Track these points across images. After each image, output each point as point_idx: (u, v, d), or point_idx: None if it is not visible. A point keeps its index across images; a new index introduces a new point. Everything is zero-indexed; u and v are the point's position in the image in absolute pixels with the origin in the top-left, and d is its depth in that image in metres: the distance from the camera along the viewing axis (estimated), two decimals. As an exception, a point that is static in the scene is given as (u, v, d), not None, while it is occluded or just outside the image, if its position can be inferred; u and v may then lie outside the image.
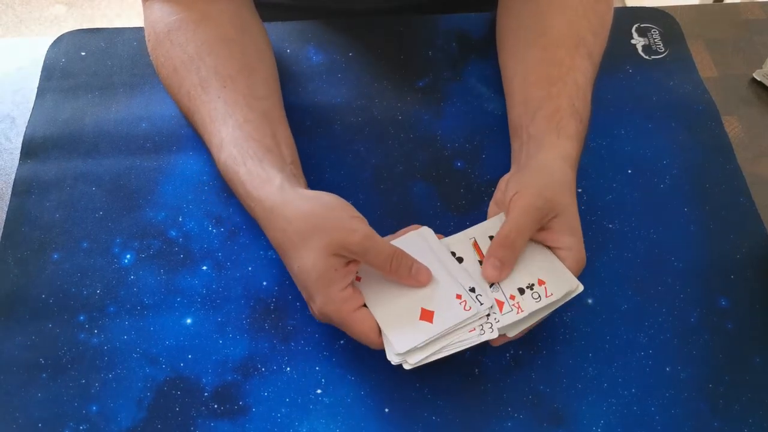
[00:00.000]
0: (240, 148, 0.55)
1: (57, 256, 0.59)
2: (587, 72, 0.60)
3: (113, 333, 0.56)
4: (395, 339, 0.48)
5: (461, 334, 0.49)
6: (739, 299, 0.58)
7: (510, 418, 0.53)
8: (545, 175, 0.54)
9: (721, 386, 0.54)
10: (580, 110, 0.58)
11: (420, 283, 0.50)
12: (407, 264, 0.50)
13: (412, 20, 0.75)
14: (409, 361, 0.48)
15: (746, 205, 0.63)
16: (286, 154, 0.57)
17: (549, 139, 0.56)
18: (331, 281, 0.49)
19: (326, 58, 0.72)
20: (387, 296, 0.51)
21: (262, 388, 0.54)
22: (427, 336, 0.48)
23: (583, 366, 0.55)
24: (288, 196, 0.52)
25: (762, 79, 0.72)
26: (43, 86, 0.70)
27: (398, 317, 0.49)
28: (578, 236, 0.52)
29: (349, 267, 0.50)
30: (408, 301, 0.50)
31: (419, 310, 0.50)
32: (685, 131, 0.68)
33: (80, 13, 1.95)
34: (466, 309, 0.49)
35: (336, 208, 0.51)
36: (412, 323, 0.49)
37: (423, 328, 0.49)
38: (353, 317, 0.49)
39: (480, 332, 0.49)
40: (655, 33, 0.75)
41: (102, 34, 0.74)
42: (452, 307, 0.49)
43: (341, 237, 0.48)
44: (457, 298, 0.50)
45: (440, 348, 0.48)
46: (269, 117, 0.58)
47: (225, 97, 0.57)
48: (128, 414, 0.52)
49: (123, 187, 0.63)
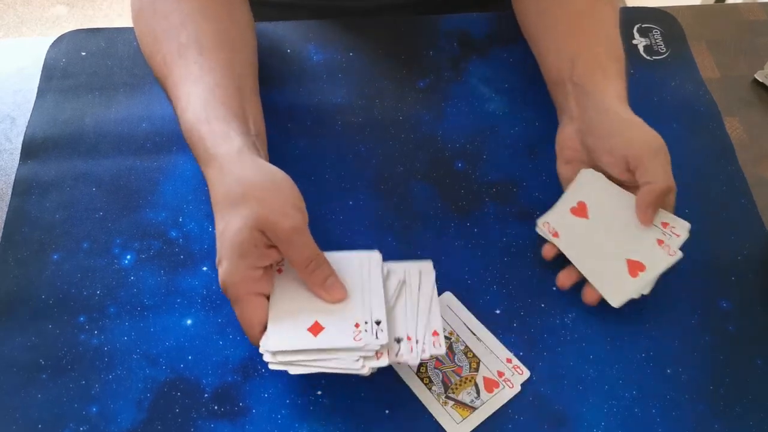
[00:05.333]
0: (207, 108, 0.54)
1: (57, 256, 0.59)
2: (611, 18, 0.62)
3: (113, 334, 0.56)
4: (272, 334, 0.48)
5: (340, 359, 0.48)
6: (740, 301, 0.58)
7: (511, 420, 0.53)
8: (618, 117, 0.56)
9: (721, 388, 0.54)
10: (616, 53, 0.60)
11: (330, 298, 0.50)
12: (324, 273, 0.50)
13: (413, 20, 0.75)
14: (274, 360, 0.47)
15: (747, 206, 0.63)
16: (253, 126, 0.56)
17: (596, 82, 0.58)
18: (245, 254, 0.48)
19: (327, 57, 0.72)
20: (292, 296, 0.50)
21: (263, 390, 0.54)
22: (302, 346, 0.48)
23: (583, 367, 0.55)
24: (243, 160, 0.51)
25: (764, 80, 0.72)
26: (44, 86, 0.70)
27: (289, 318, 0.49)
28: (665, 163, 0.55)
29: (269, 251, 0.49)
30: (308, 309, 0.49)
31: (313, 321, 0.49)
32: (686, 132, 0.68)
33: (81, 13, 1.95)
34: (356, 339, 0.48)
35: (282, 189, 0.50)
36: (297, 329, 0.48)
37: (304, 337, 0.48)
38: (247, 299, 0.49)
39: (357, 364, 0.47)
40: (657, 33, 0.75)
41: (102, 34, 0.74)
42: (344, 331, 0.48)
43: (272, 218, 0.47)
44: (355, 326, 0.48)
45: (309, 360, 0.48)
46: (242, 91, 0.57)
47: (201, 63, 0.56)
48: (128, 415, 0.52)
49: (123, 187, 0.63)
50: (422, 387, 0.53)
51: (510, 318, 0.57)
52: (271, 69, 0.71)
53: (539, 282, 0.59)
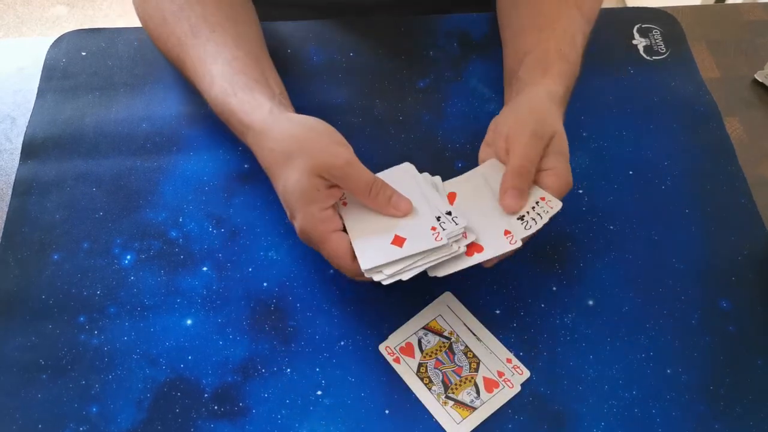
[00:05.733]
0: (230, 81, 0.58)
1: (57, 256, 0.59)
2: (576, 20, 0.63)
3: (113, 334, 0.56)
4: (362, 256, 0.50)
5: (437, 251, 0.50)
6: (740, 301, 0.58)
7: (511, 419, 0.53)
8: (534, 106, 0.56)
9: (722, 388, 0.54)
10: (567, 53, 0.61)
11: (399, 212, 0.53)
12: (387, 193, 0.53)
13: (413, 20, 0.75)
14: (378, 278, 0.50)
15: (748, 206, 0.63)
16: (275, 86, 0.60)
17: (535, 77, 0.59)
18: (312, 200, 0.51)
19: (327, 58, 0.72)
20: (365, 221, 0.53)
21: (263, 390, 0.54)
22: (393, 257, 0.50)
23: (584, 368, 0.55)
24: (277, 119, 0.55)
25: (764, 81, 0.72)
26: (44, 86, 0.70)
27: (371, 239, 0.52)
28: (565, 158, 0.55)
29: (332, 191, 0.52)
30: (384, 227, 0.52)
31: (393, 235, 0.52)
32: (686, 132, 0.68)
33: (81, 13, 1.95)
34: (437, 239, 0.50)
35: (323, 133, 0.54)
36: (382, 245, 0.51)
37: (391, 250, 0.51)
38: (329, 237, 0.52)
39: (453, 247, 0.50)
40: (657, 33, 0.75)
41: (102, 35, 0.74)
42: (424, 236, 0.51)
43: (324, 160, 0.51)
44: (431, 229, 0.51)
45: (408, 265, 0.50)
46: (256, 56, 0.62)
47: (215, 40, 0.60)
48: (128, 415, 0.52)
49: (123, 187, 0.63)
50: (422, 387, 0.53)
51: (510, 318, 0.57)
52: (271, 69, 0.71)
53: (539, 282, 0.59)
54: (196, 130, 0.67)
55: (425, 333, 0.56)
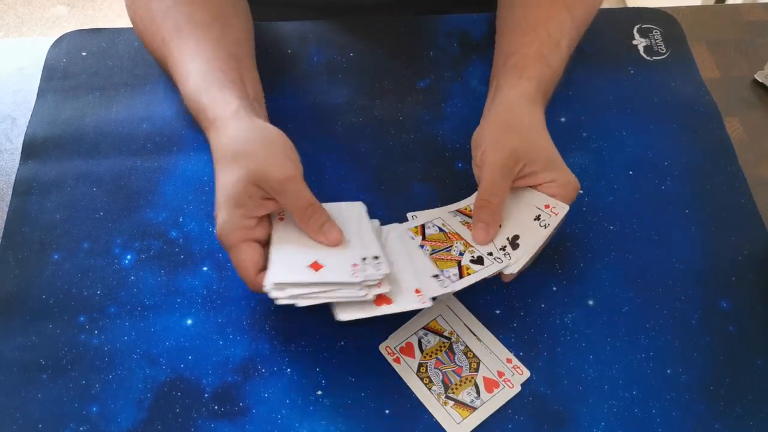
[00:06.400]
0: (205, 78, 0.57)
1: (57, 256, 0.59)
2: (564, 24, 0.63)
3: (113, 334, 0.56)
4: (275, 268, 0.50)
5: (344, 289, 0.50)
6: (740, 301, 0.58)
7: (511, 419, 0.53)
8: (505, 121, 0.56)
9: (722, 388, 0.54)
10: (548, 56, 0.60)
11: (327, 241, 0.52)
12: (320, 219, 0.52)
13: (413, 20, 0.75)
14: (281, 294, 0.49)
15: (748, 206, 0.63)
16: (251, 90, 0.60)
17: (510, 82, 0.59)
18: (240, 204, 0.51)
19: (327, 58, 0.72)
20: (292, 239, 0.53)
21: (263, 390, 0.54)
22: (304, 279, 0.50)
23: (584, 368, 0.55)
24: (240, 120, 0.54)
25: (764, 81, 0.72)
26: (44, 86, 0.70)
27: (291, 255, 0.51)
28: (558, 167, 0.55)
29: (265, 202, 0.52)
30: (308, 250, 0.52)
31: (313, 260, 0.51)
32: (686, 133, 0.68)
33: (82, 13, 1.95)
34: (354, 275, 0.50)
35: (276, 144, 0.54)
36: (299, 265, 0.51)
37: (305, 272, 0.50)
38: (241, 244, 0.51)
39: (361, 292, 0.49)
40: (657, 34, 0.75)
41: (103, 35, 0.74)
42: (343, 269, 0.51)
43: (266, 170, 0.51)
44: (352, 266, 0.51)
45: (314, 293, 0.49)
46: (238, 59, 0.61)
47: (197, 39, 0.60)
48: (128, 415, 0.52)
49: (124, 187, 0.63)
50: (422, 387, 0.53)
51: (510, 318, 0.57)
52: (272, 69, 0.71)
53: (539, 282, 0.59)
54: (196, 130, 0.67)
55: (425, 333, 0.56)
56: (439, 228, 0.57)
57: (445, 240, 0.56)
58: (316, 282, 0.50)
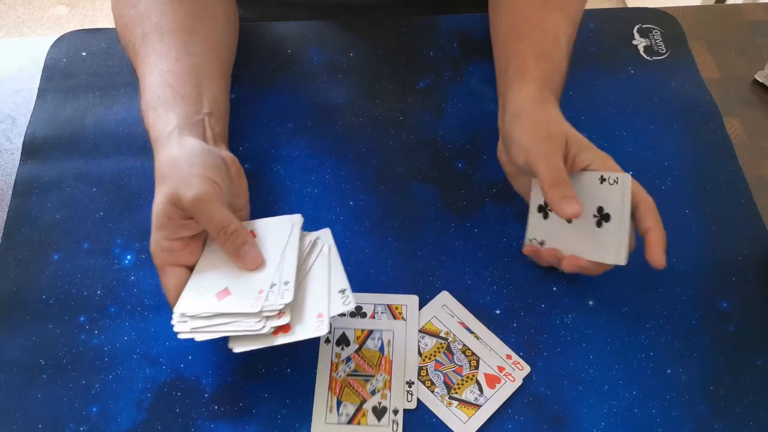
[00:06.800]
0: (154, 94, 0.56)
1: (57, 256, 0.59)
2: (558, 22, 0.62)
3: (113, 334, 0.56)
4: (183, 299, 0.50)
5: (239, 322, 0.48)
6: (740, 301, 0.58)
7: (510, 419, 0.53)
8: (529, 118, 0.55)
9: (722, 388, 0.54)
10: (548, 52, 0.60)
11: (244, 266, 0.51)
12: (237, 242, 0.50)
13: (413, 20, 0.75)
14: (183, 327, 0.49)
15: (748, 206, 0.63)
16: (206, 104, 0.57)
17: (515, 88, 0.58)
18: (162, 226, 0.50)
19: (327, 58, 0.72)
20: (215, 263, 0.52)
21: (263, 390, 0.54)
22: (205, 310, 0.49)
23: (583, 368, 0.55)
24: (170, 141, 0.53)
25: (764, 81, 0.72)
26: (44, 86, 0.70)
27: (206, 283, 0.50)
28: (591, 148, 0.54)
29: (188, 223, 0.51)
30: (224, 276, 0.51)
31: (223, 287, 0.50)
32: (686, 133, 0.68)
33: (82, 13, 1.95)
34: (253, 304, 0.48)
35: (196, 164, 0.51)
36: (206, 294, 0.50)
37: (209, 301, 0.49)
38: (165, 268, 0.51)
39: (258, 325, 0.48)
40: (657, 34, 0.75)
41: (103, 35, 0.74)
42: (247, 297, 0.49)
43: (178, 190, 0.50)
44: (258, 293, 0.49)
45: (213, 326, 0.48)
46: (198, 70, 0.58)
47: (158, 50, 0.58)
48: (128, 415, 0.52)
49: (124, 187, 0.63)
50: (425, 390, 0.53)
51: (510, 318, 0.57)
52: (272, 69, 0.71)
53: (539, 282, 0.59)
54: (197, 130, 0.67)
55: (422, 336, 0.56)
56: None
57: (373, 367, 0.54)
58: (216, 313, 0.48)
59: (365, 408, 0.52)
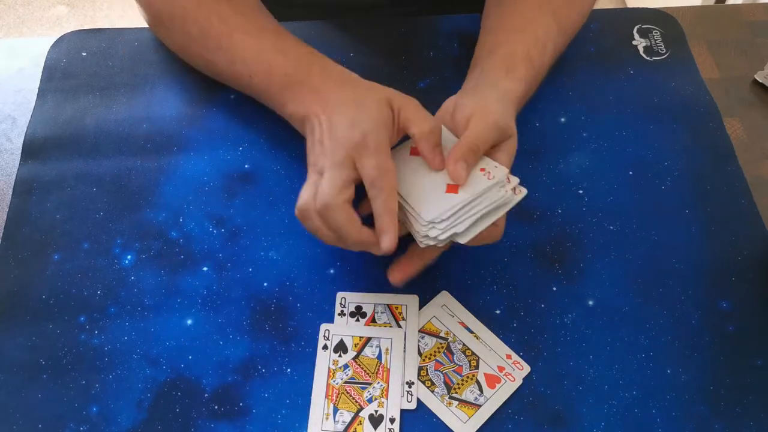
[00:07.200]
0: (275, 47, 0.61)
1: (57, 256, 0.59)
2: (550, 29, 0.63)
3: (114, 334, 0.56)
4: (423, 210, 0.50)
5: (488, 197, 0.51)
6: (740, 301, 0.58)
7: (510, 419, 0.53)
8: (496, 104, 0.57)
9: (722, 389, 0.54)
10: (535, 59, 0.61)
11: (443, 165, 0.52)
12: (440, 142, 0.53)
13: (413, 20, 0.75)
14: (433, 233, 0.50)
15: (748, 207, 0.63)
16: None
17: (498, 76, 0.60)
18: (386, 125, 0.52)
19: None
20: (411, 177, 0.53)
21: (263, 390, 0.54)
22: (453, 204, 0.50)
23: (583, 368, 0.55)
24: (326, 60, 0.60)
25: (764, 81, 0.72)
26: (44, 87, 0.70)
27: (424, 193, 0.51)
28: (511, 159, 0.55)
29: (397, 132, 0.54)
30: (432, 180, 0.52)
31: (445, 185, 0.51)
32: (686, 133, 0.68)
33: (82, 13, 1.95)
34: (489, 178, 0.51)
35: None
36: (438, 196, 0.51)
37: (449, 198, 0.51)
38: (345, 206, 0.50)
39: (506, 192, 0.51)
40: (657, 34, 0.75)
41: (103, 35, 0.74)
42: (476, 177, 0.51)
43: (398, 94, 0.54)
44: (480, 170, 0.52)
45: (465, 217, 0.50)
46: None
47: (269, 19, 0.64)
48: (128, 415, 0.52)
49: (124, 187, 0.63)
50: (425, 390, 0.53)
51: (510, 318, 0.57)
52: (272, 69, 0.71)
53: (539, 282, 0.59)
54: (196, 130, 0.67)
55: (421, 336, 0.56)
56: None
57: (371, 374, 0.54)
58: (465, 203, 0.50)
59: (362, 416, 0.52)
